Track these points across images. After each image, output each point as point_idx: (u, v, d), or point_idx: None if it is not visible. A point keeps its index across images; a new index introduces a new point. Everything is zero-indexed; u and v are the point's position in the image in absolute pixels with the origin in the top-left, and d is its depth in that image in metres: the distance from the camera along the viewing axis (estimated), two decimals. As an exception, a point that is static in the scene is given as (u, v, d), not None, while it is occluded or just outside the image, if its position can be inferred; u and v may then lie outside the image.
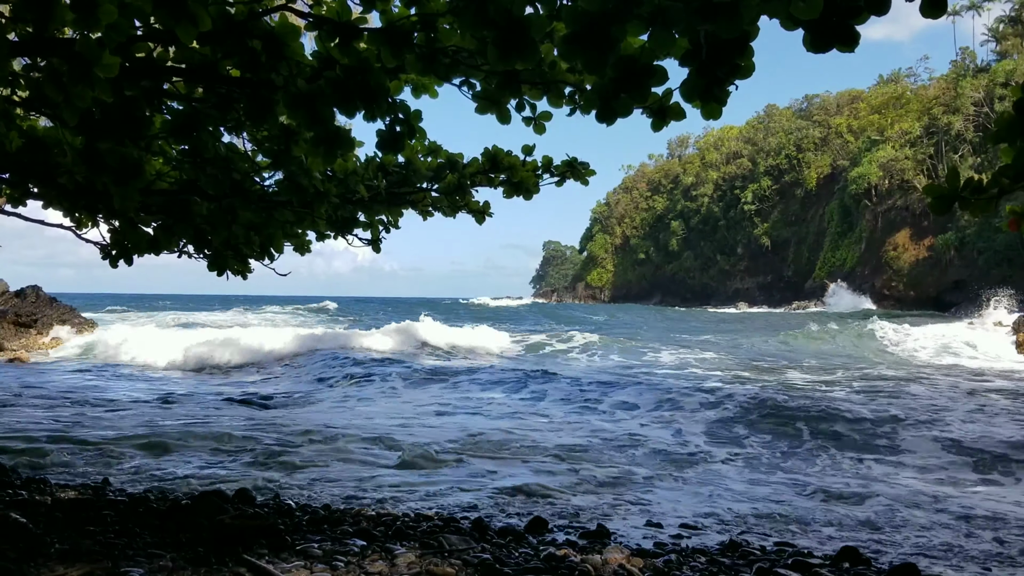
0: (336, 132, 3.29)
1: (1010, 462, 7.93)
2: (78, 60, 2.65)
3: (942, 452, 8.51)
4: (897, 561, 4.64)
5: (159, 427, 9.31)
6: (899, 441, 9.10)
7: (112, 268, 4.77)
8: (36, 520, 4.23)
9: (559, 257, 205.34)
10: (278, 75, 3.17)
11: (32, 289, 25.35)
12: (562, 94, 3.25)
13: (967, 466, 7.89)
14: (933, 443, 8.90)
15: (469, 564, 4.03)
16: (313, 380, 16.51)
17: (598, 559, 4.29)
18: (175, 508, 4.87)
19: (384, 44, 2.90)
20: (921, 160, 79.28)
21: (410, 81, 3.79)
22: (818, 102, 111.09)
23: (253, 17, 3.10)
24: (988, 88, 73.37)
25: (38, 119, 4.19)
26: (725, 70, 2.12)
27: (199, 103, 3.73)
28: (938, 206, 2.48)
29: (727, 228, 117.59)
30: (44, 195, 4.44)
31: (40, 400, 11.68)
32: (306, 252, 5.31)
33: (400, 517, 5.17)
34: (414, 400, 13.10)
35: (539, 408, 12.17)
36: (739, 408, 11.31)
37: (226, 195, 4.39)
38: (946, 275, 71.37)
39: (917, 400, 12.38)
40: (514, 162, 4.65)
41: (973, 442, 8.79)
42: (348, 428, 9.50)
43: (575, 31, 2.03)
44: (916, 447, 8.80)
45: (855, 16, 1.88)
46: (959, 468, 7.83)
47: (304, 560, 3.94)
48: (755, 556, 4.61)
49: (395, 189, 4.86)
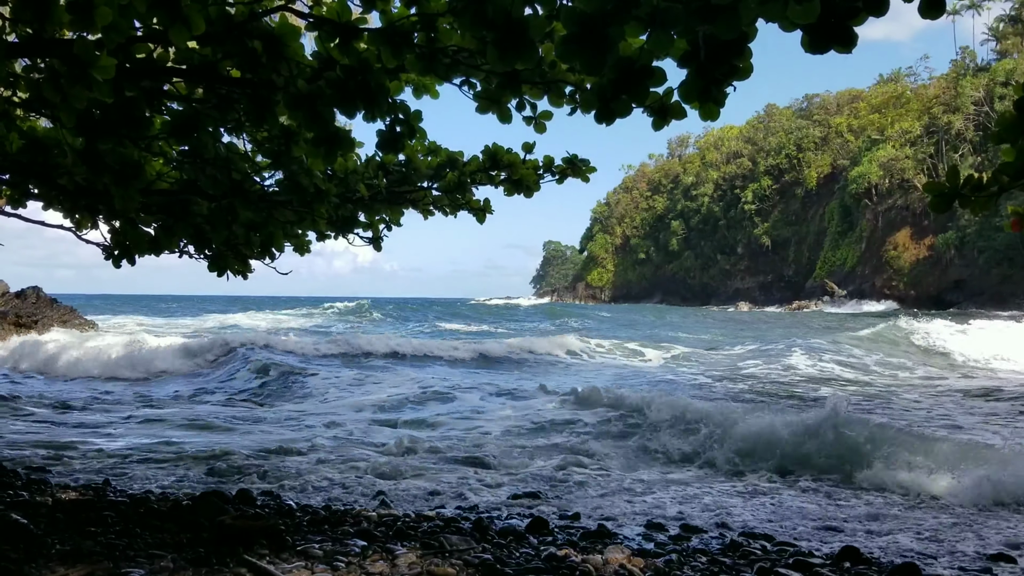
0: (336, 132, 3.30)
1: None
2: (75, 62, 2.66)
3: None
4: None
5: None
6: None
7: (115, 268, 4.77)
8: (37, 521, 4.23)
9: (559, 257, 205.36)
10: (278, 75, 3.18)
11: (32, 290, 25.38)
12: (562, 93, 3.25)
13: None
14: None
15: (470, 564, 4.04)
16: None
17: (599, 559, 4.29)
18: (176, 509, 4.87)
19: (384, 44, 2.90)
20: (921, 159, 79.32)
21: (411, 81, 3.79)
22: (818, 101, 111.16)
23: (253, 17, 3.10)
24: (988, 87, 73.41)
25: (38, 120, 4.20)
26: (723, 71, 2.12)
27: (199, 103, 3.74)
28: (938, 204, 2.48)
29: (727, 228, 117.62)
30: (44, 196, 4.45)
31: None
32: (306, 252, 5.31)
33: (401, 517, 5.17)
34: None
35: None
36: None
37: (226, 195, 4.40)
38: (947, 274, 71.42)
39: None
40: (514, 160, 4.65)
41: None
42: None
43: (573, 32, 2.04)
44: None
45: (853, 17, 1.89)
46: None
47: (305, 560, 3.94)
48: (756, 556, 4.62)
49: (395, 188, 4.86)
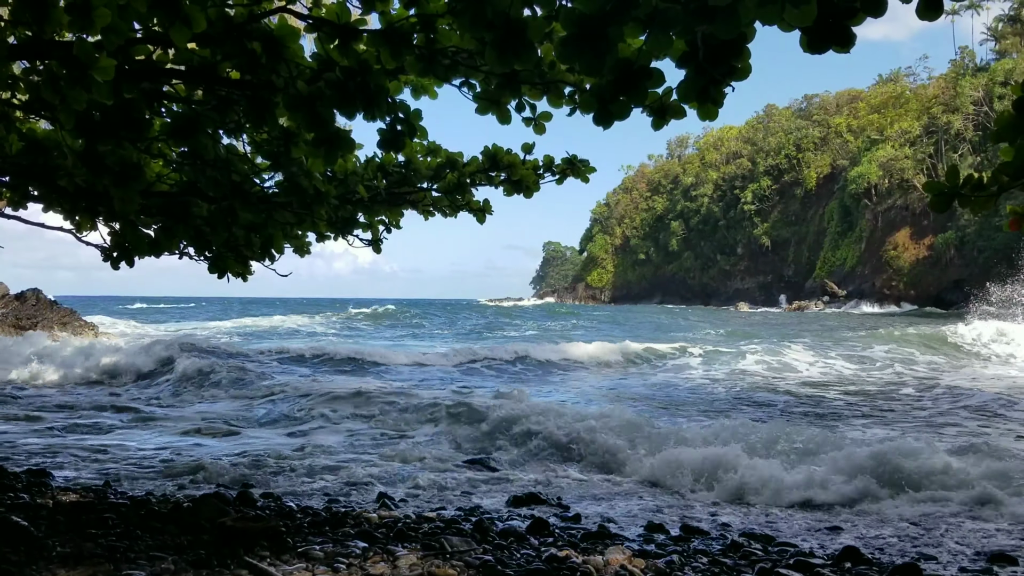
0: (336, 133, 3.30)
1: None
2: (74, 63, 2.66)
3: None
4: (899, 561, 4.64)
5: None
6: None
7: (114, 269, 4.78)
8: (38, 523, 4.23)
9: (559, 258, 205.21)
10: (278, 77, 3.18)
11: (32, 292, 25.38)
12: (562, 94, 3.26)
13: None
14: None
15: (471, 566, 4.04)
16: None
17: (600, 560, 4.29)
18: (177, 510, 4.87)
19: (384, 45, 2.91)
20: (921, 159, 79.34)
21: (409, 82, 3.80)
22: (817, 102, 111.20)
23: (252, 19, 3.10)
24: (987, 87, 73.44)
25: (38, 122, 4.20)
26: (722, 71, 2.13)
27: (199, 105, 3.74)
28: (938, 204, 2.49)
29: (727, 228, 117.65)
30: (44, 198, 4.45)
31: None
32: (306, 254, 5.32)
33: (402, 519, 5.17)
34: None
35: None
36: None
37: (226, 197, 4.40)
38: (946, 274, 71.44)
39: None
40: (514, 160, 4.65)
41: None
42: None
43: (573, 33, 2.04)
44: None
45: (851, 17, 1.89)
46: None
47: (306, 562, 3.94)
48: (757, 556, 4.62)
49: (395, 189, 4.86)
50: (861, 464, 6.69)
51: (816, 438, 7.98)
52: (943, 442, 8.61)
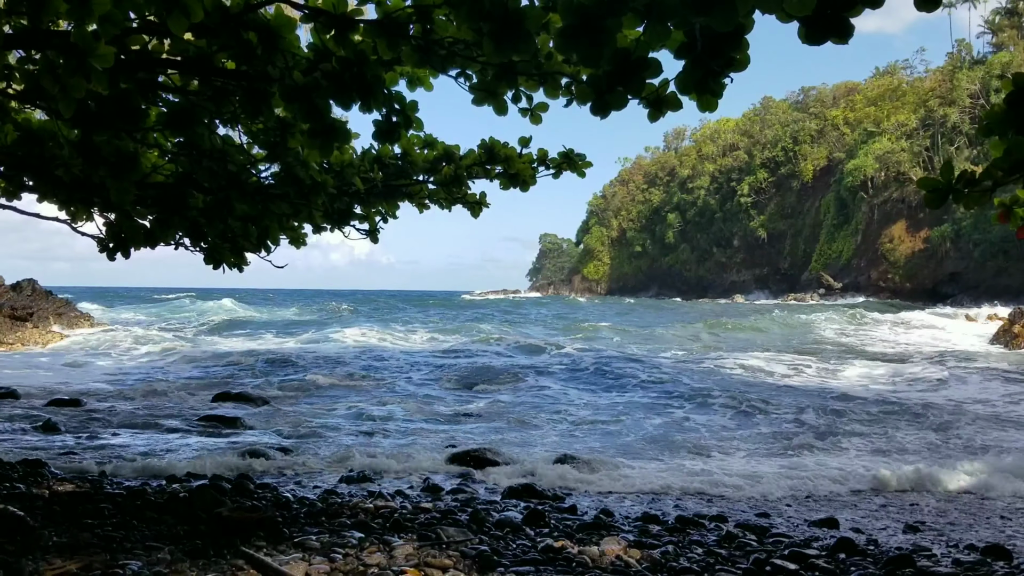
0: (332, 124, 3.29)
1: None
2: (74, 51, 2.64)
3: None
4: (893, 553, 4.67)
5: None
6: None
7: (110, 260, 4.77)
8: (34, 513, 4.24)
9: (555, 250, 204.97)
10: (274, 67, 3.17)
11: (28, 282, 25.31)
12: (558, 85, 3.25)
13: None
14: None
15: (467, 556, 4.05)
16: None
17: (595, 550, 4.31)
18: (173, 501, 4.88)
19: (380, 36, 2.90)
20: (917, 152, 79.32)
21: (405, 74, 3.79)
22: (814, 94, 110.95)
23: (248, 9, 3.09)
24: (984, 80, 73.37)
25: (33, 112, 4.18)
26: (720, 63, 2.12)
27: (195, 96, 3.73)
28: (932, 200, 2.50)
29: (723, 220, 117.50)
30: (39, 188, 4.44)
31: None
32: (302, 245, 5.31)
33: (398, 509, 5.18)
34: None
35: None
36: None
37: (222, 187, 4.39)
38: (942, 267, 71.53)
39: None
40: (511, 153, 4.65)
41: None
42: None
43: (571, 23, 2.03)
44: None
45: (850, 8, 1.89)
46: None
47: (302, 552, 3.95)
48: (752, 547, 4.64)
49: (392, 181, 4.86)
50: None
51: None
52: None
